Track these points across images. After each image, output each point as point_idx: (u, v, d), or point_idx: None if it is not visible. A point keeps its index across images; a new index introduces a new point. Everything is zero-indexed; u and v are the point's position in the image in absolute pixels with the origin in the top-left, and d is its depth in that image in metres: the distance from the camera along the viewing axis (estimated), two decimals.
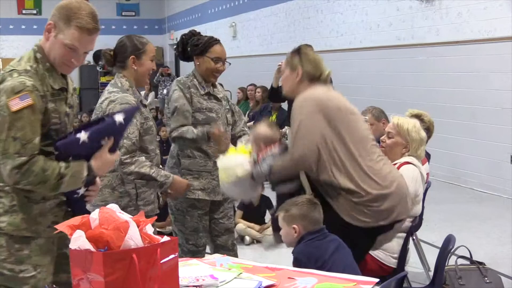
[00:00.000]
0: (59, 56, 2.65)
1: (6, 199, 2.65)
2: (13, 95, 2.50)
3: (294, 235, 3.11)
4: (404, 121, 3.89)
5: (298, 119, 3.30)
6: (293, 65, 3.51)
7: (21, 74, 2.57)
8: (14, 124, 2.50)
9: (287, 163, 3.34)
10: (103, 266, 1.91)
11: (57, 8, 2.64)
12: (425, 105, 7.89)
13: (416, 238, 4.80)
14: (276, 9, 14.44)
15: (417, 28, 9.49)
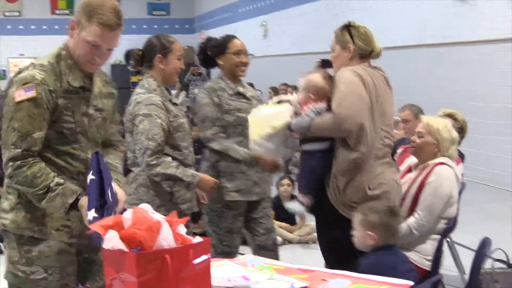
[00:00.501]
0: (82, 54, 2.62)
1: (13, 196, 2.65)
2: (20, 86, 2.50)
3: (369, 242, 3.05)
4: (435, 121, 3.84)
5: (344, 84, 3.27)
6: (343, 42, 3.47)
7: (35, 67, 2.57)
8: (14, 115, 2.49)
9: (329, 121, 3.24)
10: (136, 266, 1.90)
11: (80, 4, 2.62)
12: (459, 105, 7.76)
13: (450, 240, 4.73)
14: (307, 7, 14.39)
15: (451, 27, 9.37)
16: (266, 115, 3.36)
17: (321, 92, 3.33)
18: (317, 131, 3.30)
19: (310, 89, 3.34)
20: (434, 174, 3.67)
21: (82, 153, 2.68)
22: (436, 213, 3.64)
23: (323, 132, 3.31)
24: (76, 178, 2.66)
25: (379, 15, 11.31)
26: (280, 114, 3.32)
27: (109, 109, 2.86)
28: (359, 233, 3.10)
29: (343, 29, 3.50)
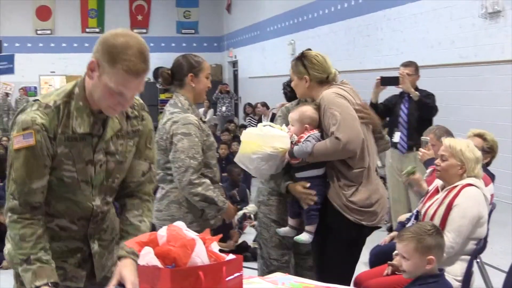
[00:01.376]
0: (103, 99, 2.28)
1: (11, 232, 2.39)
2: (20, 131, 2.27)
3: (427, 267, 2.98)
4: (456, 142, 3.82)
5: (338, 109, 3.41)
6: (299, 73, 3.63)
7: (39, 108, 2.30)
8: (13, 163, 2.31)
9: (333, 146, 3.37)
10: (170, 282, 1.94)
11: (101, 43, 2.29)
12: (489, 125, 7.72)
13: (480, 261, 4.69)
14: (335, 26, 14.43)
15: (481, 46, 9.32)
16: (270, 135, 3.48)
17: (314, 122, 3.52)
18: (320, 156, 3.44)
19: (304, 120, 3.51)
20: (462, 195, 3.66)
21: (87, 202, 2.43)
22: (465, 234, 3.62)
23: (326, 156, 3.45)
24: (76, 223, 2.46)
25: (408, 34, 11.31)
26: (284, 139, 3.46)
27: (129, 149, 2.51)
28: (415, 260, 2.99)
29: (297, 60, 3.67)
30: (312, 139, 3.43)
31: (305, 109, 3.53)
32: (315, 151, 3.41)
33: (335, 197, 3.47)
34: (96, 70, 2.26)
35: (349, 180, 3.47)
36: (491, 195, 4.39)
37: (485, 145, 4.69)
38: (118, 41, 2.24)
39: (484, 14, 9.15)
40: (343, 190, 3.45)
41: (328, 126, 3.43)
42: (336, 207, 3.46)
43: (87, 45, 23.79)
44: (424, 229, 3.05)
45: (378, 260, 4.17)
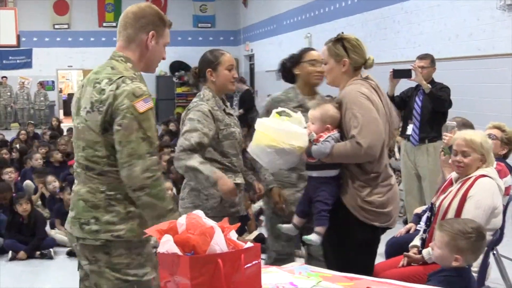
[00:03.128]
0: (158, 58, 2.86)
1: (120, 207, 2.69)
2: (136, 98, 2.58)
3: (453, 263, 3.02)
4: (474, 135, 3.79)
5: (360, 111, 3.30)
6: (338, 56, 3.48)
7: (132, 80, 2.64)
8: (142, 125, 2.57)
9: (354, 151, 3.27)
10: (189, 269, 1.98)
11: (146, 17, 2.81)
12: (507, 117, 7.69)
13: (497, 253, 4.69)
14: (352, 20, 14.40)
15: (499, 38, 9.26)
16: (288, 131, 3.32)
17: (335, 121, 3.39)
18: (338, 157, 3.33)
19: (326, 119, 3.37)
20: (476, 186, 3.65)
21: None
22: None
23: (345, 159, 3.34)
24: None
25: (425, 27, 11.26)
26: (303, 136, 3.32)
27: None
28: (444, 253, 3.05)
29: (336, 43, 3.50)
30: (332, 139, 3.32)
31: (328, 108, 3.39)
32: (334, 153, 3.30)
33: (350, 199, 3.39)
34: (153, 39, 2.80)
35: (364, 182, 3.38)
36: (509, 187, 4.38)
37: (503, 136, 4.69)
38: (153, 8, 2.86)
39: (502, 6, 9.08)
40: (358, 191, 3.37)
41: (348, 127, 3.32)
42: (349, 209, 3.38)
43: (104, 39, 23.94)
44: (465, 229, 3.06)
45: (394, 252, 4.19)
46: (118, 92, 2.59)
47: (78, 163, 2.77)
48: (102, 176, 2.68)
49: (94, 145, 2.66)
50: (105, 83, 2.65)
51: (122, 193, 2.68)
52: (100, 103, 2.63)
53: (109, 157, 2.65)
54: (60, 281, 5.71)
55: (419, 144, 6.37)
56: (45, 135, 13.49)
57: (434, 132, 6.11)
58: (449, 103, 6.31)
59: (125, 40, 2.82)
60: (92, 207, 2.69)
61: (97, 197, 2.69)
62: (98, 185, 2.68)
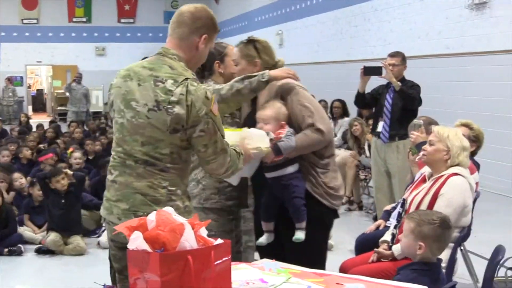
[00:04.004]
0: (202, 61, 3.02)
1: (179, 202, 2.78)
2: (209, 102, 2.72)
3: (417, 251, 3.06)
4: (445, 129, 3.89)
5: (307, 100, 3.46)
6: (249, 57, 3.56)
7: (195, 82, 2.75)
8: (219, 126, 2.78)
9: (317, 138, 3.40)
10: (159, 266, 1.97)
11: (202, 20, 2.87)
12: (475, 115, 7.80)
13: (464, 249, 4.75)
14: (323, 17, 14.47)
15: (467, 37, 9.39)
16: (250, 136, 3.30)
17: (287, 118, 3.47)
18: (303, 149, 3.41)
19: (280, 117, 3.43)
20: (448, 185, 3.70)
21: None
22: None
23: (309, 148, 3.44)
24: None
25: (395, 25, 11.37)
26: (265, 138, 3.33)
27: None
28: (409, 240, 3.10)
29: (247, 44, 3.58)
30: (291, 134, 3.40)
31: (279, 106, 3.46)
32: (299, 145, 3.39)
33: (315, 187, 3.47)
34: (205, 42, 2.88)
35: (323, 168, 3.50)
36: (476, 183, 4.45)
37: (471, 133, 4.75)
38: (208, 12, 2.93)
39: (470, 5, 9.22)
40: (321, 179, 3.48)
41: (300, 118, 3.43)
42: (316, 197, 3.46)
43: (73, 35, 23.73)
44: (430, 217, 3.11)
45: (364, 248, 4.22)
46: (194, 98, 2.69)
47: (132, 156, 2.78)
48: (165, 172, 2.75)
49: (157, 142, 2.73)
50: (171, 83, 2.70)
51: (181, 188, 2.81)
52: (169, 103, 2.69)
53: (172, 155, 2.75)
54: (28, 279, 5.65)
55: (389, 141, 6.43)
56: (13, 131, 13.31)
57: (404, 129, 6.16)
58: (419, 101, 6.37)
59: (178, 38, 2.85)
60: (153, 201, 2.74)
61: (159, 192, 2.75)
62: (161, 180, 2.75)
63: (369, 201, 8.17)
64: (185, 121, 2.67)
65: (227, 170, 2.87)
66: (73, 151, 8.53)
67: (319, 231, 3.56)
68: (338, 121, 9.34)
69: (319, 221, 3.52)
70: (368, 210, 7.90)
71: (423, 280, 2.89)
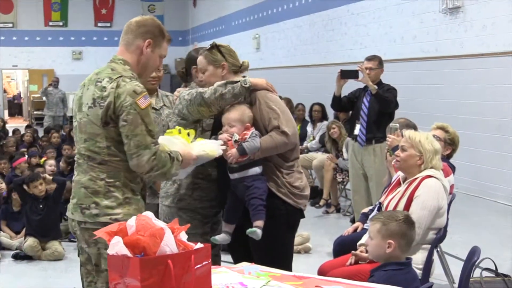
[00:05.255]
0: (153, 67, 3.16)
1: (118, 193, 2.93)
2: (137, 95, 2.86)
3: (387, 250, 3.10)
4: (416, 134, 3.94)
5: (274, 103, 3.54)
6: (216, 61, 3.63)
7: (131, 79, 2.91)
8: (144, 120, 2.87)
9: (282, 140, 3.48)
10: (139, 271, 1.98)
11: (147, 26, 3.06)
12: (450, 118, 7.89)
13: (440, 250, 4.81)
14: (299, 21, 14.53)
15: (442, 41, 9.50)
16: (207, 143, 3.39)
17: (252, 120, 3.55)
18: (268, 150, 3.49)
19: (245, 119, 3.52)
20: (422, 187, 3.76)
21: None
22: (425, 225, 3.71)
23: (274, 150, 3.51)
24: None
25: (372, 29, 11.46)
26: (213, 144, 3.37)
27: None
28: (377, 241, 3.14)
29: (212, 49, 3.67)
30: (256, 135, 3.48)
31: (244, 108, 3.55)
32: (263, 146, 3.47)
33: (280, 187, 3.55)
34: (149, 47, 3.03)
35: (287, 169, 3.58)
36: (452, 185, 4.50)
37: (447, 136, 4.81)
38: (156, 21, 3.12)
39: (444, 10, 9.33)
40: (285, 179, 3.55)
41: (267, 120, 3.51)
42: (280, 196, 3.53)
43: (50, 39, 23.53)
44: (394, 215, 3.18)
45: (341, 250, 4.25)
46: (120, 91, 2.86)
47: (80, 154, 3.01)
48: (103, 165, 2.92)
49: (96, 137, 2.92)
50: (106, 81, 2.91)
51: (120, 180, 2.94)
52: (102, 99, 2.89)
53: (109, 148, 2.91)
54: (6, 285, 5.60)
55: (366, 144, 6.48)
56: None
57: (380, 132, 6.21)
58: (395, 104, 6.43)
59: (125, 44, 3.07)
60: (93, 193, 2.93)
61: (97, 184, 2.93)
62: (99, 173, 2.93)
63: (347, 203, 8.23)
64: (112, 110, 2.86)
65: (152, 170, 2.90)
66: (48, 159, 8.48)
67: (284, 231, 3.63)
68: (317, 124, 9.37)
69: (285, 220, 3.60)
70: (345, 213, 7.95)
71: (397, 280, 2.93)
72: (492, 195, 8.63)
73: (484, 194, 8.75)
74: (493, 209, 8.18)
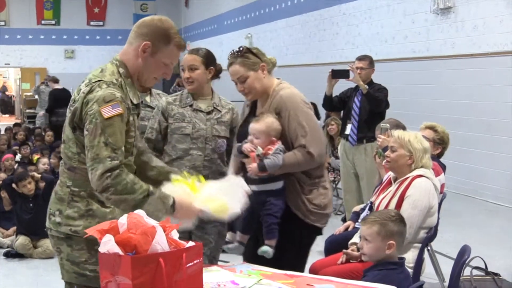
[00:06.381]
0: (153, 73, 2.78)
1: (81, 204, 2.71)
2: (105, 103, 2.57)
3: (387, 251, 3.09)
4: (405, 134, 3.95)
5: (305, 119, 3.37)
6: (254, 65, 3.46)
7: (109, 85, 2.63)
8: (105, 130, 2.56)
9: (305, 160, 3.34)
10: (131, 269, 1.98)
11: (148, 26, 2.74)
12: (441, 118, 7.92)
13: (431, 249, 4.83)
14: (291, 21, 14.54)
15: (433, 41, 9.54)
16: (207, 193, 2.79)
17: (279, 134, 3.39)
18: (289, 168, 3.36)
19: (271, 132, 3.36)
20: (413, 187, 3.77)
21: (133, 164, 2.80)
22: (416, 225, 3.72)
23: (296, 168, 3.37)
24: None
25: (363, 29, 11.49)
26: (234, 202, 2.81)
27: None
28: (376, 243, 3.12)
29: (245, 54, 3.47)
30: (280, 151, 3.33)
31: (271, 121, 3.37)
32: (286, 163, 3.32)
33: (299, 205, 3.43)
34: (148, 50, 2.71)
35: (311, 186, 3.44)
36: (442, 184, 4.53)
37: (435, 136, 4.83)
38: (164, 24, 2.76)
39: (436, 10, 9.36)
40: (306, 196, 3.42)
41: (294, 136, 3.36)
42: (298, 215, 3.42)
43: (42, 37, 23.45)
44: (388, 215, 3.19)
45: (333, 249, 4.26)
46: (90, 97, 2.60)
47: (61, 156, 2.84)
48: (70, 171, 2.72)
49: (69, 141, 2.72)
50: (84, 84, 2.68)
51: (86, 190, 2.70)
52: (74, 102, 2.68)
53: (79, 155, 2.68)
54: None
55: (357, 144, 6.49)
56: None
57: (371, 132, 6.22)
58: (386, 104, 6.45)
59: (127, 43, 2.81)
60: (59, 199, 2.76)
61: (63, 190, 2.75)
62: (66, 179, 2.74)
63: (338, 202, 8.24)
64: (78, 117, 2.64)
65: (106, 190, 2.54)
66: (40, 157, 8.46)
67: (296, 252, 3.50)
68: None
69: (298, 241, 3.48)
70: (337, 212, 7.96)
71: (391, 279, 2.95)
72: (482, 195, 8.67)
73: (475, 193, 8.79)
74: (483, 208, 8.22)
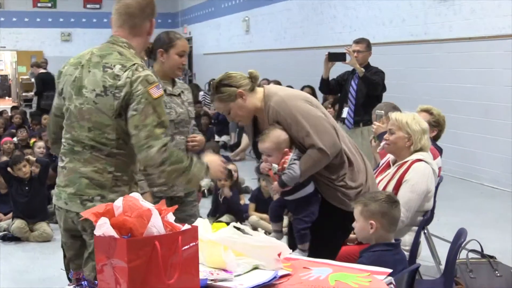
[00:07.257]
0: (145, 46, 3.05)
1: (125, 188, 2.85)
2: (150, 84, 2.74)
3: (370, 231, 3.09)
4: (402, 115, 3.93)
5: (300, 116, 3.28)
6: (230, 96, 3.36)
7: (143, 68, 2.80)
8: (156, 109, 2.75)
9: (320, 159, 3.28)
10: (126, 252, 1.97)
11: (148, 5, 2.91)
12: (438, 101, 7.92)
13: (427, 232, 4.84)
14: (289, 4, 14.47)
15: (430, 24, 9.50)
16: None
17: (289, 142, 3.33)
18: (309, 171, 3.32)
19: (281, 145, 3.31)
20: (412, 171, 3.76)
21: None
22: (414, 208, 3.73)
23: (315, 168, 3.33)
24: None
25: (361, 12, 11.44)
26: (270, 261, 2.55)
27: None
28: (360, 223, 3.14)
29: (218, 90, 3.37)
30: (295, 160, 3.29)
31: (277, 134, 3.30)
32: (304, 170, 3.29)
33: (335, 198, 3.42)
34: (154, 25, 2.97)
35: (337, 179, 3.40)
36: (439, 168, 4.53)
37: (431, 119, 4.81)
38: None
39: None
40: (340, 187, 3.40)
41: (301, 139, 3.30)
42: (342, 208, 3.40)
43: (38, 20, 23.33)
44: (375, 196, 3.17)
45: None
46: (133, 79, 2.73)
47: (78, 141, 2.85)
48: (111, 157, 2.82)
49: (104, 128, 2.79)
50: (119, 69, 2.77)
51: (128, 175, 2.86)
52: (116, 88, 2.75)
53: (118, 140, 2.80)
54: None
55: (354, 127, 6.49)
56: None
57: (368, 115, 6.19)
58: (382, 87, 6.44)
59: (130, 27, 2.90)
60: (98, 185, 2.83)
61: (104, 176, 2.83)
62: (106, 165, 2.82)
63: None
64: (126, 102, 2.74)
65: (164, 163, 2.75)
66: (36, 141, 8.44)
67: (339, 234, 3.55)
68: None
69: (339, 225, 3.47)
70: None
71: (385, 260, 2.95)
72: (479, 178, 8.69)
73: (471, 176, 8.81)
74: (479, 192, 8.25)
